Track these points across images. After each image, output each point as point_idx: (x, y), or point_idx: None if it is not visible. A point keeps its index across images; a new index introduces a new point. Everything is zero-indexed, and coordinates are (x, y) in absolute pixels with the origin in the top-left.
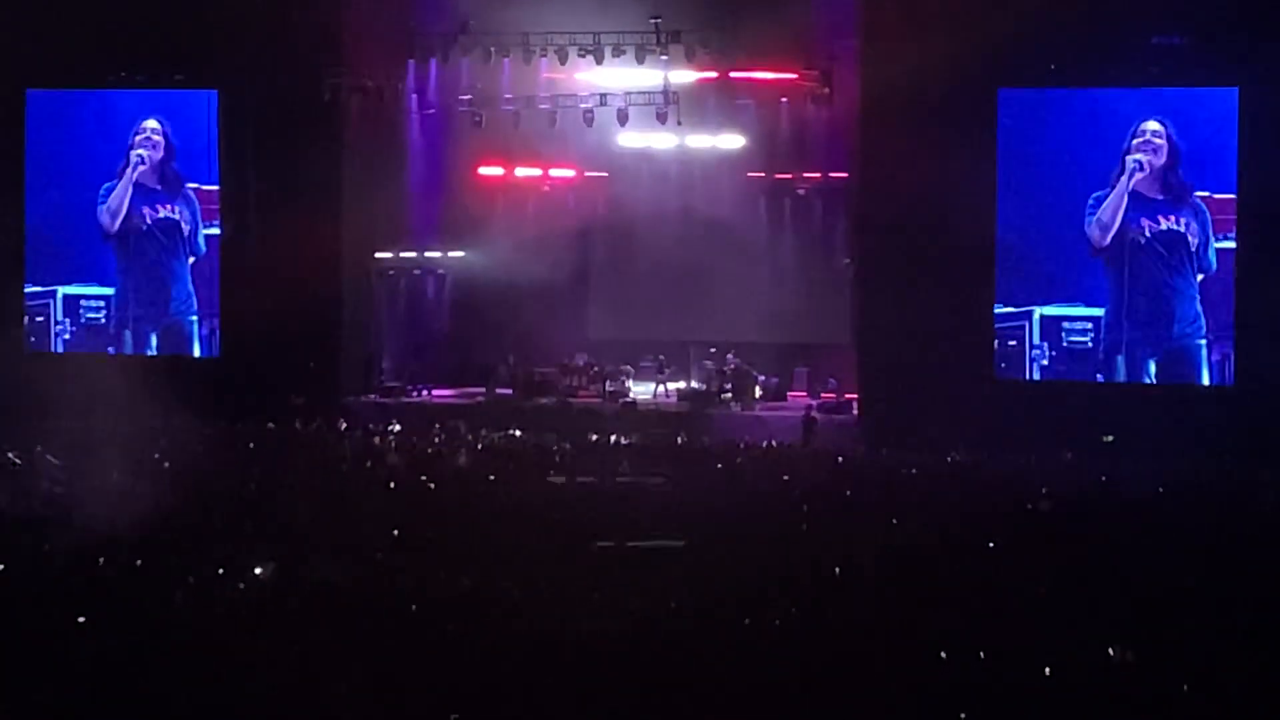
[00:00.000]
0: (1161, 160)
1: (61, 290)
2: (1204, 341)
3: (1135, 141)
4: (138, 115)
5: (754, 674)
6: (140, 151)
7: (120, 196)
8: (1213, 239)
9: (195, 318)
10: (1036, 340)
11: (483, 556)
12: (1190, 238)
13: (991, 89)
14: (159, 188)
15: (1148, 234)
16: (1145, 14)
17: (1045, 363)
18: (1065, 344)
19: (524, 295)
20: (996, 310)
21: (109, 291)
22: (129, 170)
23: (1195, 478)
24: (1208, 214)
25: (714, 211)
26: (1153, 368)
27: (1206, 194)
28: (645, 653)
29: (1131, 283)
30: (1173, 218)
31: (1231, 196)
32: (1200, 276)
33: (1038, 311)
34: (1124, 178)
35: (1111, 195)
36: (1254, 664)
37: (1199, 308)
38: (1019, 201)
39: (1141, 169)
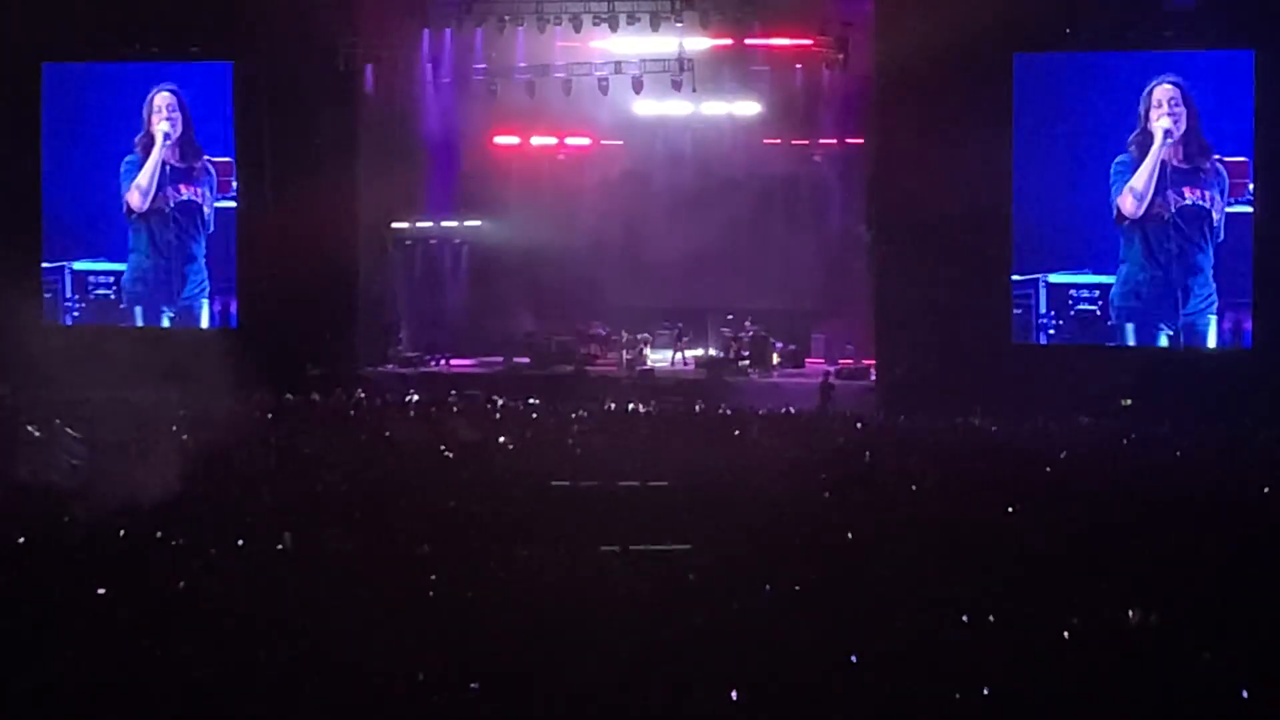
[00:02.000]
0: (1183, 126)
1: (72, 265)
2: (1213, 316)
3: (1153, 109)
4: (149, 87)
5: (773, 638)
6: (164, 127)
7: (150, 175)
8: (1224, 205)
9: (206, 300)
10: (1044, 309)
11: (501, 525)
12: (1214, 213)
13: (1007, 54)
14: (181, 164)
15: (1173, 209)
16: None
17: (1052, 331)
18: (1073, 311)
19: (541, 264)
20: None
21: (119, 267)
22: (155, 148)
23: (1213, 441)
24: (1226, 179)
25: (730, 178)
26: (1164, 340)
27: (1219, 157)
28: (666, 618)
29: (1148, 255)
30: (1198, 191)
31: (1244, 160)
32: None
33: (1047, 279)
34: (1154, 146)
35: (1145, 164)
36: (1274, 626)
37: (1213, 283)
38: (1034, 167)
39: (1170, 136)
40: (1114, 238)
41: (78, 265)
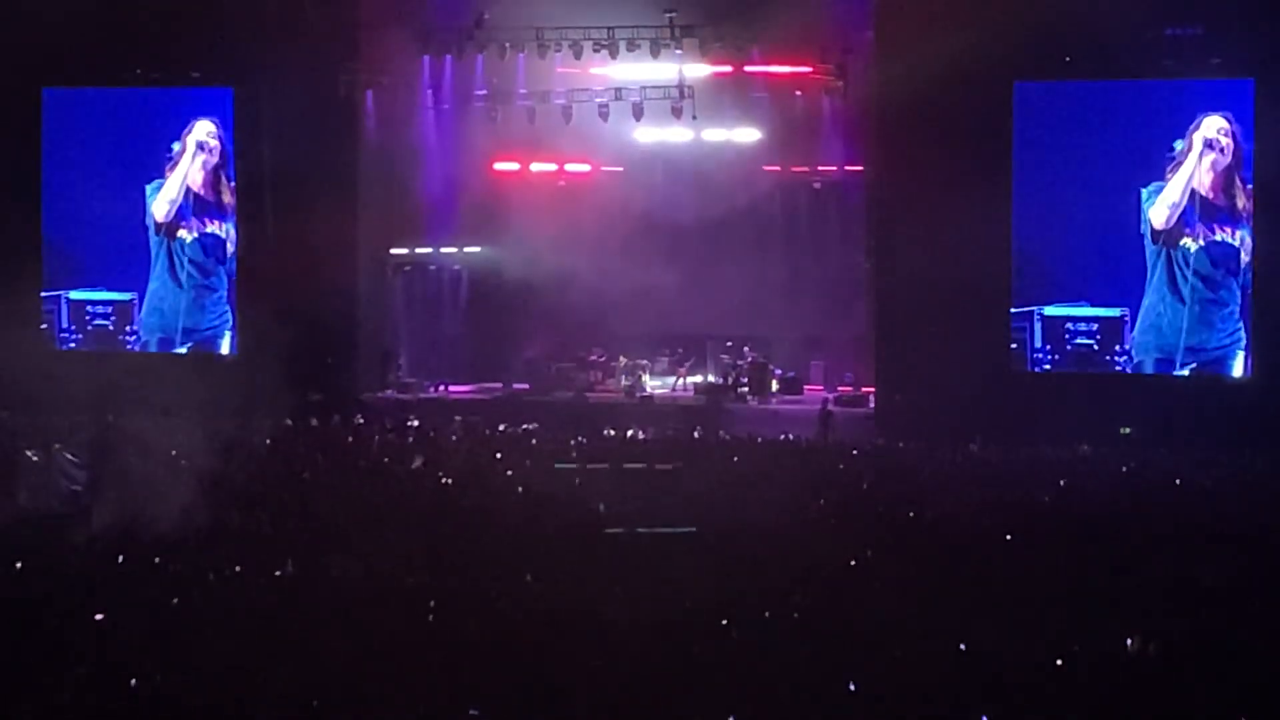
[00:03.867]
0: (1227, 160)
1: (69, 295)
2: (1242, 353)
3: (1205, 134)
4: (162, 114)
5: (772, 666)
6: (200, 157)
7: (179, 188)
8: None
9: (229, 332)
10: (1039, 343)
11: (500, 551)
12: (1243, 253)
13: (1007, 82)
14: (210, 197)
15: (1203, 239)
16: (1160, 6)
17: (1048, 366)
18: (1069, 345)
19: (540, 290)
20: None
21: (121, 296)
22: (185, 160)
23: (1212, 469)
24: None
25: (729, 205)
26: (1186, 374)
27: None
28: (664, 646)
29: (1170, 286)
30: (1230, 229)
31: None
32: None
33: (1042, 311)
34: (1192, 154)
35: (1180, 173)
36: (1273, 656)
37: (1240, 322)
38: (1034, 194)
39: (1211, 148)
40: (1112, 269)
41: (75, 295)
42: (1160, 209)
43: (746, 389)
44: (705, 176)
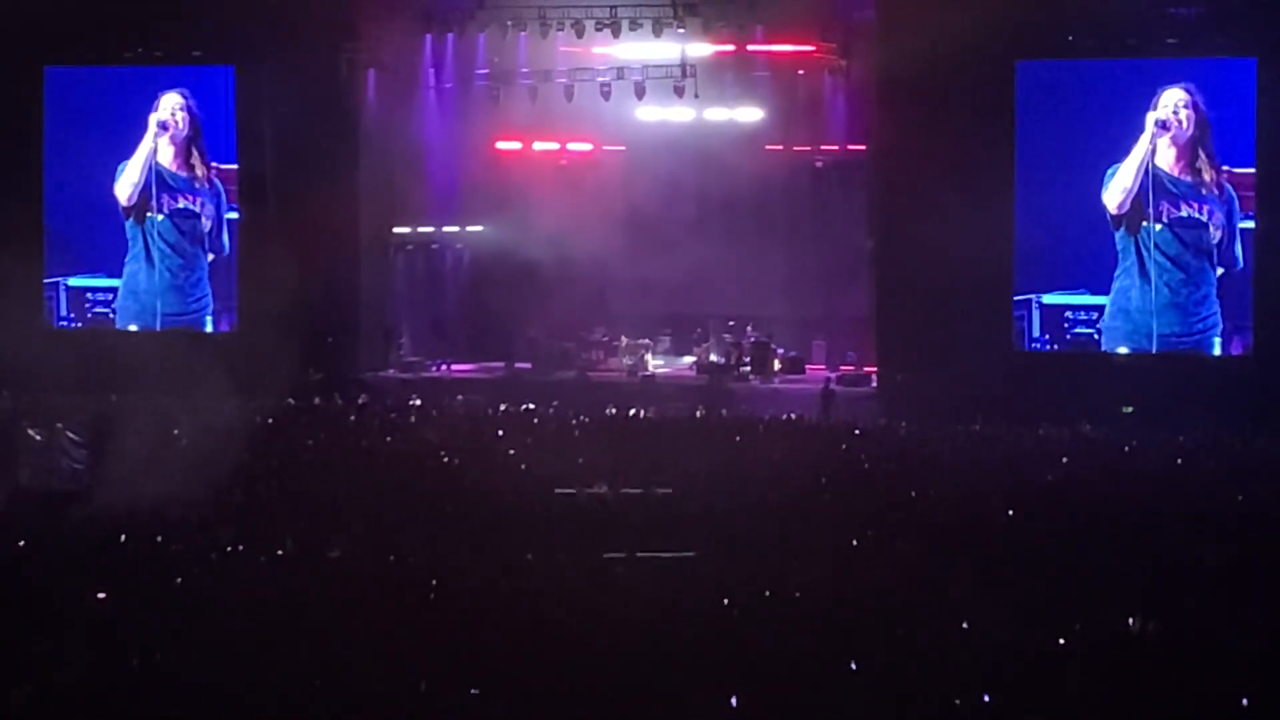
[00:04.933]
0: (1188, 131)
1: (68, 281)
2: (1219, 339)
3: (1158, 114)
4: (155, 92)
5: (774, 646)
6: (161, 117)
7: (141, 169)
8: (1231, 224)
9: (210, 316)
10: (1037, 331)
11: (502, 532)
12: (1212, 228)
13: (1009, 61)
14: (182, 172)
15: (1165, 218)
16: None
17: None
18: (1069, 335)
19: (542, 269)
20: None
21: (118, 283)
22: (146, 138)
23: (1213, 449)
24: (1235, 199)
25: (732, 184)
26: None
27: (1228, 169)
28: (665, 625)
29: (1141, 272)
30: (1195, 204)
31: (1250, 171)
32: (1220, 271)
33: (1041, 300)
34: (1143, 136)
35: (1132, 155)
36: (1276, 635)
37: (1216, 304)
38: (1036, 173)
39: (1165, 128)
40: (1110, 255)
41: (74, 281)
42: (1114, 193)
43: (749, 369)
44: (708, 156)
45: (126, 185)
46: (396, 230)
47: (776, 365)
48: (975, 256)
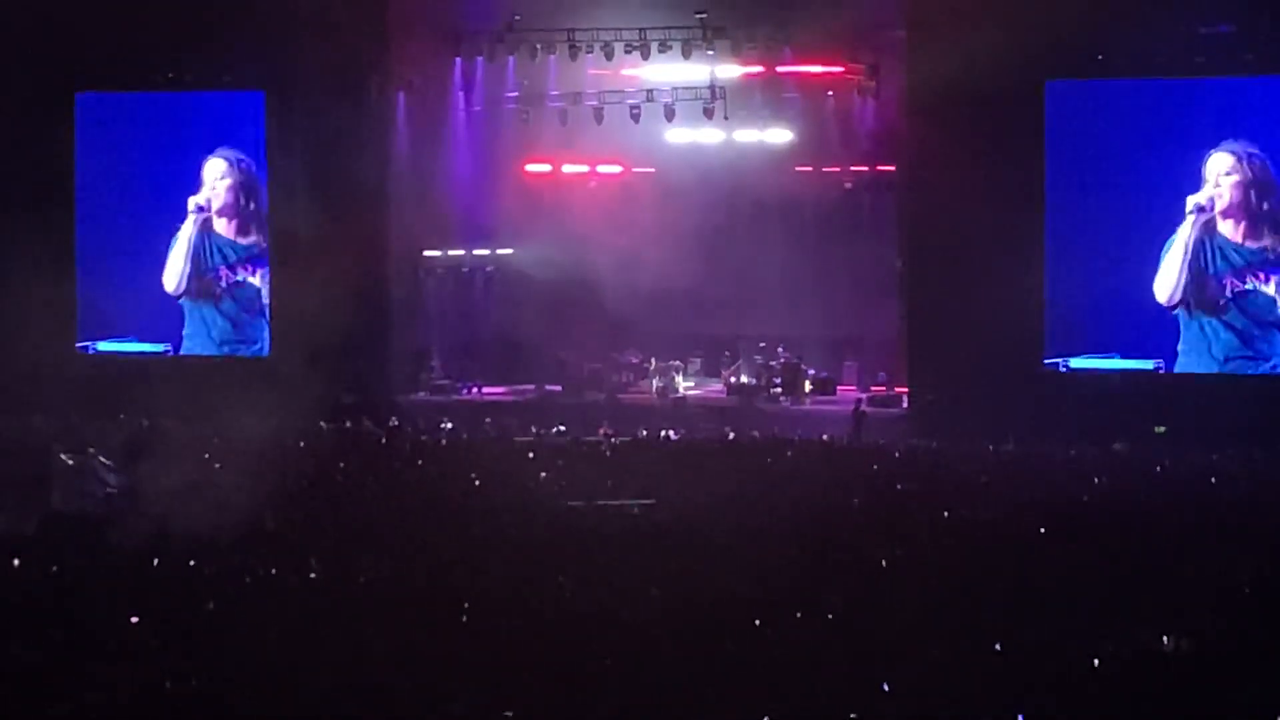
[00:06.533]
0: (1237, 198)
1: (97, 346)
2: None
3: (1196, 198)
4: (198, 154)
5: (807, 667)
6: (200, 200)
7: (184, 254)
8: None
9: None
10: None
11: (532, 551)
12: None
13: (1038, 80)
14: (240, 239)
15: (1228, 294)
16: (1193, 3)
17: None
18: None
19: (572, 292)
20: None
21: (153, 348)
22: (187, 222)
23: (1247, 468)
24: None
25: (761, 205)
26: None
27: None
28: (698, 647)
29: (1206, 351)
30: (1263, 275)
31: None
32: None
33: (1068, 364)
34: (1184, 225)
35: (1174, 246)
36: None
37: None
38: (1067, 195)
39: (1203, 211)
40: (1147, 319)
41: (104, 346)
42: (1163, 287)
43: (780, 390)
44: (737, 177)
45: (172, 277)
46: (427, 253)
47: (808, 386)
48: (1006, 276)
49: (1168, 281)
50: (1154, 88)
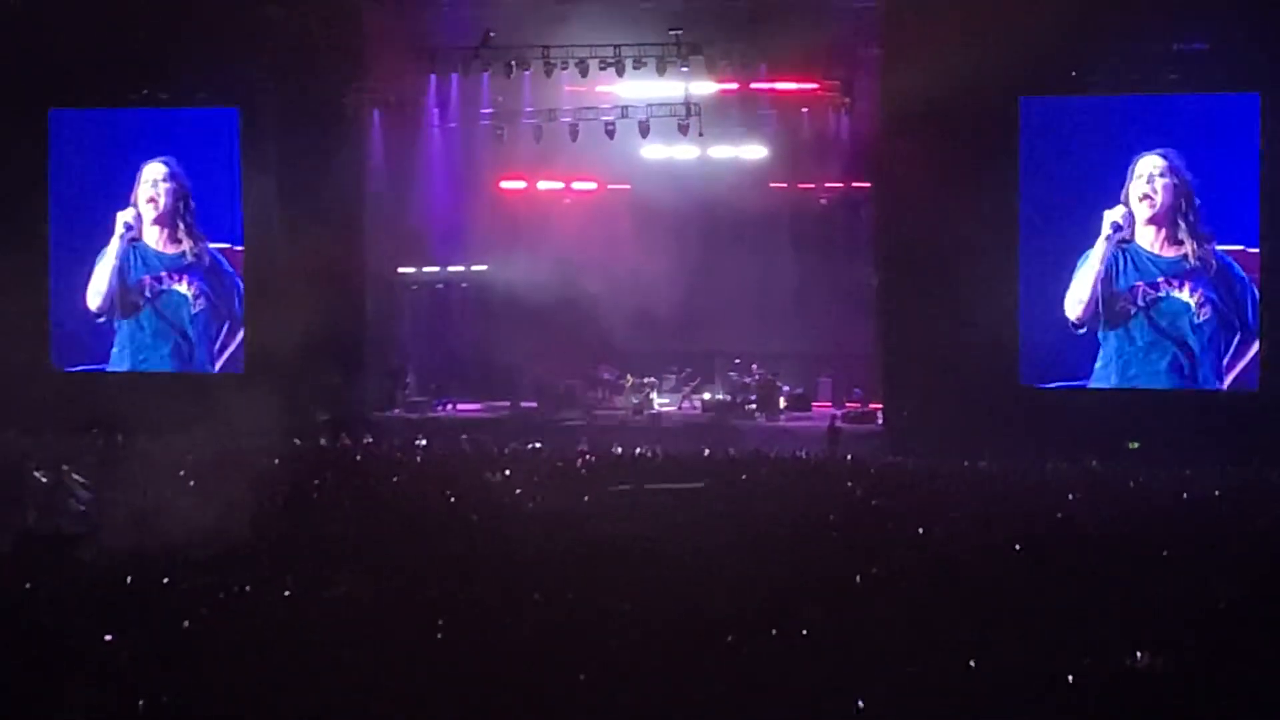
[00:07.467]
0: (1166, 202)
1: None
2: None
3: (1131, 185)
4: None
5: (780, 683)
6: (129, 212)
7: (108, 270)
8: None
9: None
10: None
11: (510, 568)
12: (1197, 309)
13: (1013, 97)
14: (170, 249)
15: (1140, 301)
16: (1167, 20)
17: None
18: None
19: (548, 308)
20: None
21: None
22: (114, 236)
23: (1220, 483)
24: (1240, 276)
25: (737, 222)
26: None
27: (1238, 248)
28: (672, 663)
29: (1120, 367)
30: (1177, 282)
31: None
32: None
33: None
34: (1099, 240)
35: (1089, 259)
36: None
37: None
38: (1041, 209)
39: (1118, 230)
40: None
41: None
42: (1073, 305)
43: (755, 406)
44: (712, 194)
45: (95, 296)
46: (402, 270)
47: (782, 403)
48: (980, 292)
49: (1078, 300)
50: (1128, 104)
